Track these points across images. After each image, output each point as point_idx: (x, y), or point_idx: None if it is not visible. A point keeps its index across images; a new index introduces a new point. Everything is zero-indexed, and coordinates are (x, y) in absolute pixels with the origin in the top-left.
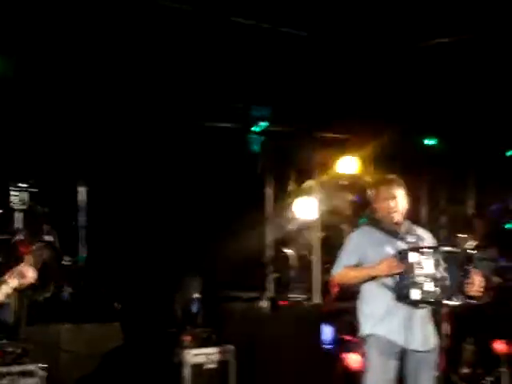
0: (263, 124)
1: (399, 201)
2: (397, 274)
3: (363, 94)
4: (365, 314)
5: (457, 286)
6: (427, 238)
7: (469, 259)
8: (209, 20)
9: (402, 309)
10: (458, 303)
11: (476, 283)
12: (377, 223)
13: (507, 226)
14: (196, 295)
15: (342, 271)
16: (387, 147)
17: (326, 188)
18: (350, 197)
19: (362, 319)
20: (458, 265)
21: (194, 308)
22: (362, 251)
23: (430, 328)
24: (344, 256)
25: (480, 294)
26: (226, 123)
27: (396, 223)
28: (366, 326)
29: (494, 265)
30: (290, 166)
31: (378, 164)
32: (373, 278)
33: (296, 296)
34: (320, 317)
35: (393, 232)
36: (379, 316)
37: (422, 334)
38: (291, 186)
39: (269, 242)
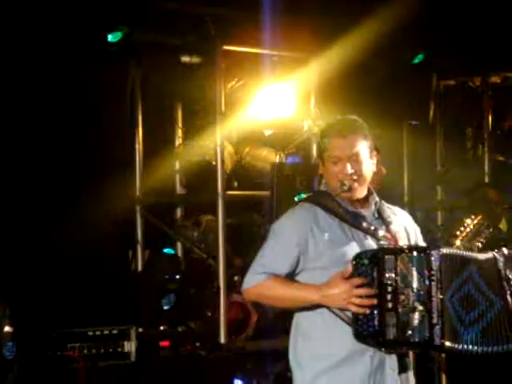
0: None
1: (361, 161)
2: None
3: None
4: (303, 359)
5: (477, 318)
6: (410, 229)
7: (502, 271)
8: None
9: (368, 354)
10: (476, 349)
11: None
12: (328, 201)
13: None
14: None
15: (264, 282)
16: (347, 69)
17: (238, 143)
18: (278, 157)
19: (298, 367)
20: (483, 281)
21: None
22: (301, 250)
23: None
24: (268, 257)
25: None
26: None
27: (357, 200)
28: (305, 378)
29: None
30: (174, 102)
31: (329, 100)
32: (317, 306)
33: (185, 330)
34: (228, 367)
35: (355, 217)
36: (328, 364)
37: None
38: (178, 141)
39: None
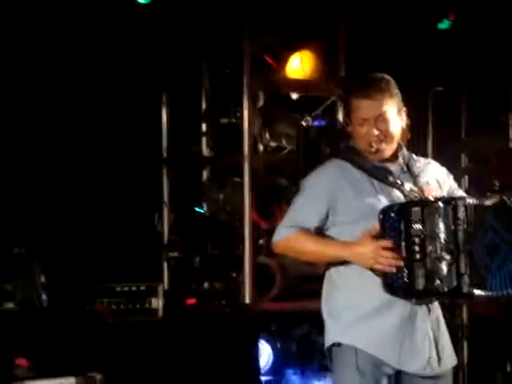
0: None
1: (388, 120)
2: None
3: None
4: (335, 309)
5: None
6: (443, 179)
7: None
8: None
9: (398, 304)
10: (504, 293)
11: None
12: (356, 156)
13: None
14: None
15: (293, 236)
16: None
17: (265, 106)
18: (304, 120)
19: (330, 317)
20: (501, 226)
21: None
22: (330, 204)
23: (445, 337)
24: (298, 211)
25: None
26: None
27: (387, 159)
28: (335, 331)
29: None
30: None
31: (356, 62)
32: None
33: (211, 289)
34: (253, 327)
35: (383, 172)
36: (360, 314)
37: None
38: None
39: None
